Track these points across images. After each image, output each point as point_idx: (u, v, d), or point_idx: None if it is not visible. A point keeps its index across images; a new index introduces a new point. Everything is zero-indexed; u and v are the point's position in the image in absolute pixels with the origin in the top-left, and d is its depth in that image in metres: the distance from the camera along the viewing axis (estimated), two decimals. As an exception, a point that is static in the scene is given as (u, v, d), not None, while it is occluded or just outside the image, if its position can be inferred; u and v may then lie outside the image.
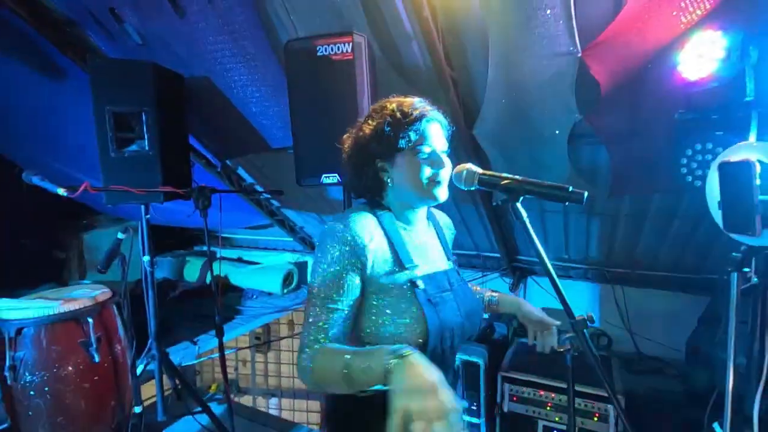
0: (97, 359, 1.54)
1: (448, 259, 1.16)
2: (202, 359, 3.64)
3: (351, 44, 1.64)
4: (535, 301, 3.43)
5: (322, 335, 0.92)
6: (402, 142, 1.00)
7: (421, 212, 1.12)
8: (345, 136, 1.11)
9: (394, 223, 1.06)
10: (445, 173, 1.03)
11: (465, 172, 0.97)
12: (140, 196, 1.97)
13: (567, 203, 0.85)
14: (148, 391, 2.86)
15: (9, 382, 1.49)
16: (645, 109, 1.70)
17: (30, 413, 1.47)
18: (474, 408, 2.28)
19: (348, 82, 1.65)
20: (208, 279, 4.79)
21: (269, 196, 3.68)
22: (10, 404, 1.51)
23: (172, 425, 2.44)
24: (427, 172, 1.01)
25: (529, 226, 0.88)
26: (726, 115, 1.30)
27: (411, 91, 2.11)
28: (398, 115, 1.02)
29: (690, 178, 1.49)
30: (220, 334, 2.07)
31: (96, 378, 1.56)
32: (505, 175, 0.92)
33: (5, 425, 1.53)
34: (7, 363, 1.50)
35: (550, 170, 2.28)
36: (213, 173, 3.45)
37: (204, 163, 3.35)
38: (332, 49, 1.64)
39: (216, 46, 2.21)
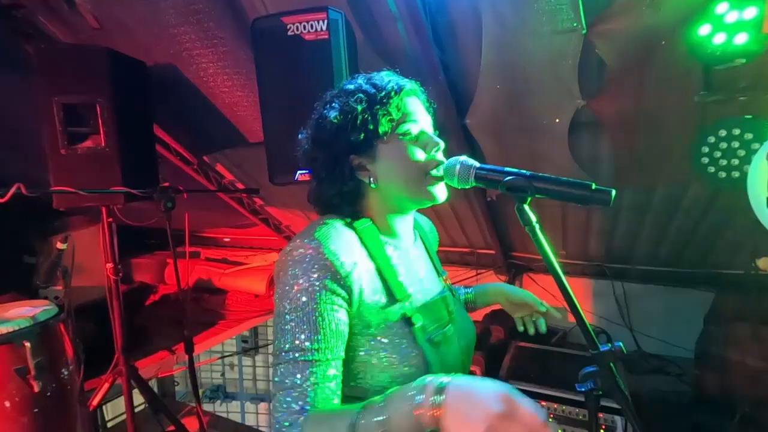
0: (37, 388, 1.34)
1: (440, 276, 0.96)
2: (182, 369, 3.46)
3: (326, 21, 1.43)
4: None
5: (307, 402, 0.67)
6: (382, 124, 0.78)
7: (409, 219, 0.91)
8: (301, 136, 0.87)
9: (378, 238, 0.83)
10: (441, 156, 0.83)
11: (458, 165, 0.77)
12: (95, 198, 1.76)
13: (589, 204, 0.66)
14: (121, 406, 2.67)
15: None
16: (658, 92, 1.52)
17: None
18: None
19: (324, 64, 1.45)
20: (189, 282, 4.63)
21: (245, 194, 3.46)
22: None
23: (143, 446, 2.25)
24: (420, 156, 0.80)
25: (540, 234, 0.70)
26: (757, 96, 1.13)
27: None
28: (370, 89, 0.80)
29: (713, 169, 1.32)
30: (189, 350, 1.88)
31: (37, 410, 1.35)
32: (509, 169, 0.73)
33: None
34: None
35: (550, 163, 2.11)
36: (189, 170, 3.24)
37: (178, 160, 3.13)
38: (305, 27, 1.44)
39: (179, 29, 1.99)
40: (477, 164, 0.77)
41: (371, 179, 0.81)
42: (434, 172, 0.81)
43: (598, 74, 1.57)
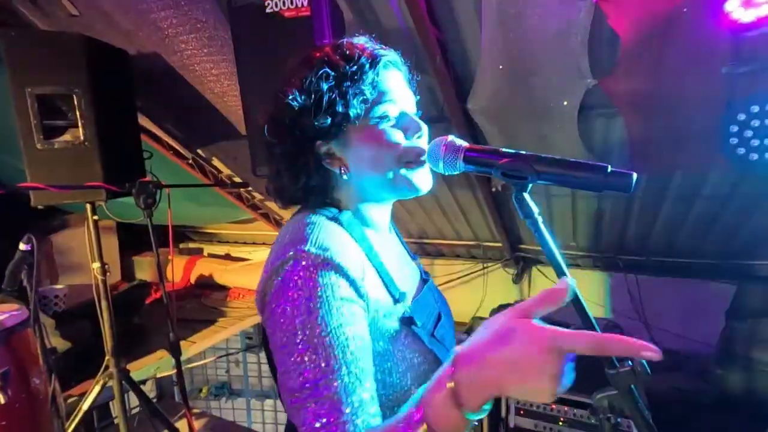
0: (4, 400, 1.26)
1: (419, 267, 0.87)
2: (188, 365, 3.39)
3: (305, -4, 1.31)
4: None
5: (360, 419, 0.55)
6: (354, 105, 0.65)
7: (388, 208, 0.79)
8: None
9: (364, 235, 0.71)
10: (425, 143, 0.70)
11: (443, 147, 0.64)
12: (74, 195, 1.66)
13: (604, 191, 0.53)
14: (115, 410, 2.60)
15: None
16: (679, 66, 1.36)
17: None
18: (476, 423, 2.00)
19: (306, 44, 1.32)
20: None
21: (234, 189, 3.36)
22: None
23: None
24: (398, 143, 0.67)
25: (542, 226, 0.57)
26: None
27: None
28: (340, 61, 0.67)
29: (743, 150, 1.17)
30: (176, 354, 1.79)
31: (4, 423, 1.27)
32: (505, 150, 0.60)
33: None
34: None
35: (558, 149, 1.96)
36: (184, 165, 3.15)
37: (172, 154, 3.04)
38: (284, 3, 1.31)
39: (160, 14, 1.87)
40: (466, 144, 0.64)
41: (342, 169, 0.70)
42: (416, 159, 0.69)
43: (611, 49, 1.42)
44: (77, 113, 1.74)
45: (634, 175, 0.52)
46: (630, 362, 0.55)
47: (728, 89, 1.17)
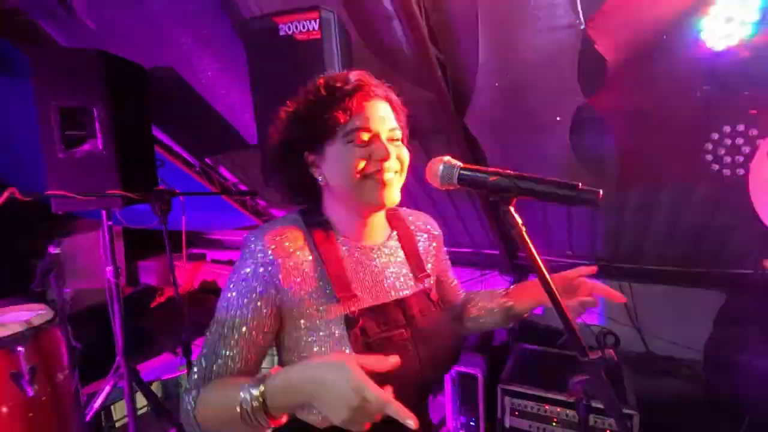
0: (31, 393, 1.34)
1: (417, 278, 0.91)
2: (185, 371, 3.46)
3: (318, 21, 1.41)
4: (537, 300, 3.26)
5: (222, 371, 0.74)
6: (328, 125, 0.77)
7: (373, 219, 0.88)
8: (270, 126, 0.87)
9: (331, 237, 0.83)
10: (392, 167, 0.80)
11: (441, 166, 0.74)
12: (93, 201, 1.76)
13: (576, 205, 0.63)
14: (124, 410, 2.67)
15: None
16: (660, 87, 1.47)
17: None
18: (472, 424, 2.08)
19: (316, 65, 1.42)
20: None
21: (245, 197, 3.46)
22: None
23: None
24: (360, 164, 0.77)
25: (526, 237, 0.67)
26: (761, 91, 1.08)
27: (393, 76, 1.88)
28: (323, 91, 0.79)
29: (716, 167, 1.27)
30: (187, 353, 1.87)
31: (31, 415, 1.35)
32: (494, 169, 0.70)
33: None
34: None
35: (552, 161, 2.06)
36: (191, 173, 3.24)
37: (180, 163, 3.14)
38: (296, 27, 1.42)
39: (177, 32, 1.99)
40: (460, 164, 0.74)
41: (321, 177, 0.82)
42: (374, 176, 0.79)
43: (599, 70, 1.52)
44: (96, 125, 1.84)
45: (600, 192, 0.61)
46: (600, 352, 0.64)
47: (703, 110, 1.27)
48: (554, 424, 1.92)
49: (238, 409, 0.63)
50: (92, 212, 3.26)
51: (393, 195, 0.81)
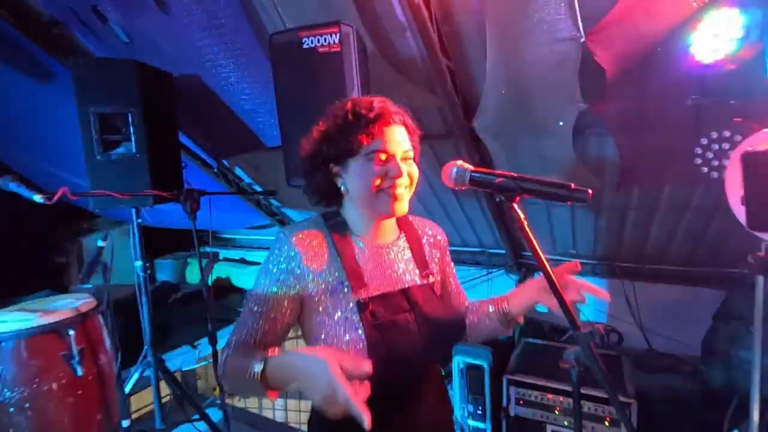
0: (80, 372, 1.48)
1: (422, 275, 1.04)
2: (203, 363, 3.60)
3: (338, 35, 1.54)
4: (542, 298, 3.35)
5: (249, 339, 0.90)
6: (353, 146, 0.91)
7: (385, 224, 1.02)
8: (303, 138, 1.01)
9: (347, 236, 0.98)
10: (403, 182, 0.93)
11: (455, 170, 0.87)
12: (126, 200, 1.90)
13: (569, 203, 0.75)
14: (147, 398, 2.82)
15: (-10, 398, 1.44)
16: (655, 96, 1.58)
17: (11, 431, 1.42)
18: (479, 412, 2.19)
19: (336, 75, 1.55)
20: (210, 281, 4.80)
21: (264, 196, 3.60)
22: (-7, 422, 1.46)
23: (170, 432, 2.39)
24: (377, 181, 0.91)
25: (528, 229, 0.79)
26: (745, 100, 1.19)
27: (406, 84, 2.01)
28: (350, 116, 0.92)
29: (705, 170, 1.38)
30: (213, 342, 2.00)
31: (80, 392, 1.50)
32: (499, 172, 0.82)
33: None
34: (-9, 378, 1.45)
35: (555, 163, 2.17)
36: (209, 174, 3.39)
37: (199, 164, 3.28)
38: (318, 41, 1.55)
39: (203, 42, 2.13)
40: (471, 168, 0.86)
41: (344, 187, 0.96)
42: (387, 191, 0.92)
43: (598, 79, 1.64)
44: (131, 129, 1.99)
45: (589, 191, 0.73)
46: (590, 327, 0.75)
47: (693, 117, 1.38)
48: (556, 412, 2.03)
49: (247, 376, 0.78)
50: (114, 211, 3.43)
51: (402, 207, 0.95)
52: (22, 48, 2.39)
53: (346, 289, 0.92)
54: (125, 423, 1.70)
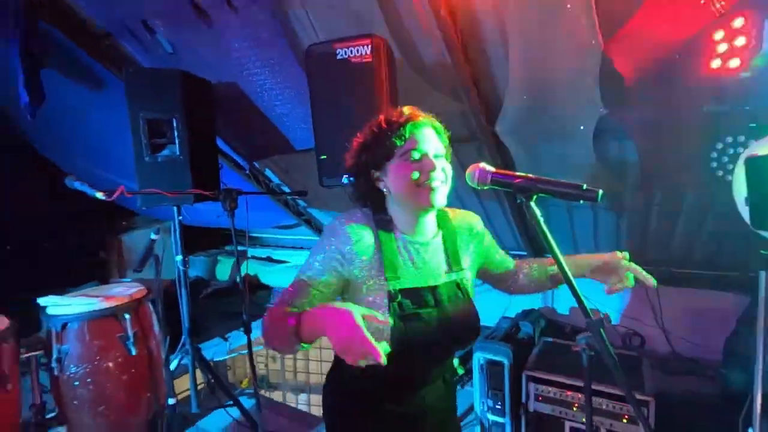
0: (133, 353, 1.64)
1: (453, 270, 1.13)
2: (233, 355, 3.78)
3: (369, 47, 1.66)
4: (564, 300, 3.37)
5: (282, 305, 0.99)
6: (389, 150, 1.02)
7: (426, 219, 1.11)
8: (346, 153, 1.13)
9: (391, 236, 1.08)
10: (438, 176, 1.03)
11: (477, 171, 0.96)
12: (172, 199, 2.06)
13: (581, 201, 0.84)
14: (182, 384, 2.99)
15: (56, 373, 1.61)
16: (673, 102, 1.63)
17: (75, 402, 1.59)
18: (498, 407, 2.26)
19: (367, 83, 1.67)
20: (239, 278, 4.99)
21: (294, 196, 3.75)
22: (58, 394, 1.63)
23: (205, 417, 2.55)
24: (414, 175, 1.01)
25: (543, 225, 0.88)
26: (759, 106, 1.24)
27: (431, 91, 2.11)
28: (384, 124, 1.04)
29: (721, 173, 1.42)
30: (248, 332, 2.15)
31: (133, 371, 1.66)
32: (518, 173, 0.91)
33: (54, 413, 1.65)
34: (54, 355, 1.62)
35: (576, 166, 2.23)
36: (241, 175, 3.56)
37: (232, 165, 3.46)
38: (351, 52, 1.67)
39: (241, 53, 2.28)
40: (493, 169, 0.96)
41: (386, 189, 1.07)
42: (425, 184, 1.02)
43: (618, 85, 1.70)
44: (175, 133, 2.16)
45: (600, 192, 0.81)
46: (602, 313, 0.84)
47: (709, 123, 1.43)
48: (575, 409, 2.08)
49: (283, 327, 0.89)
50: (154, 210, 3.64)
51: (440, 198, 1.04)
52: (77, 58, 2.61)
53: (381, 279, 1.03)
54: (171, 401, 1.85)
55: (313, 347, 0.91)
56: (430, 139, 1.04)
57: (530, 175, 0.90)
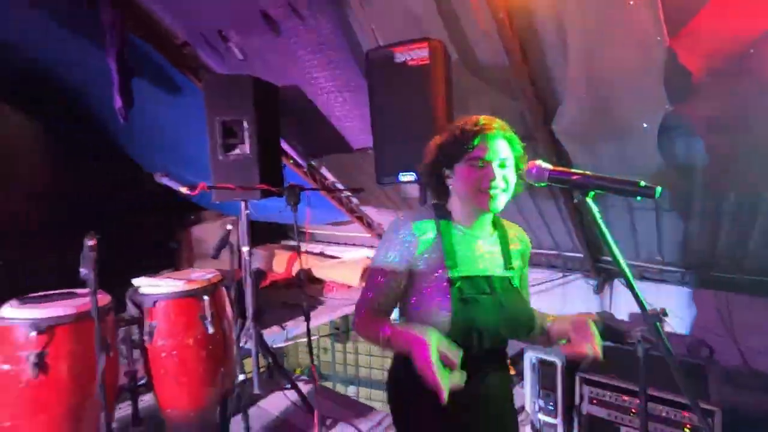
0: (210, 331, 1.83)
1: (505, 268, 1.21)
2: (289, 343, 3.99)
3: (427, 50, 1.73)
4: (622, 306, 3.25)
5: (374, 305, 1.13)
6: (460, 153, 1.12)
7: (483, 218, 1.20)
8: (425, 148, 1.23)
9: (451, 226, 1.17)
10: (498, 185, 1.10)
11: (535, 168, 1.01)
12: (242, 194, 2.25)
13: (639, 198, 0.85)
14: (246, 367, 3.23)
15: (147, 344, 1.84)
16: (748, 98, 1.55)
17: (162, 371, 1.80)
18: (551, 407, 2.24)
19: (424, 85, 1.74)
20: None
21: (350, 193, 3.90)
22: (147, 364, 1.86)
23: (266, 398, 2.74)
24: (477, 183, 1.10)
25: (600, 221, 0.90)
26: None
27: (488, 91, 2.14)
28: (458, 131, 1.13)
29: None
30: (308, 320, 2.29)
31: (210, 347, 1.85)
32: (575, 170, 0.94)
33: (143, 381, 1.89)
34: (146, 329, 1.84)
35: (638, 166, 2.16)
36: (299, 173, 3.77)
37: (291, 163, 3.67)
38: (409, 55, 1.75)
39: (305, 58, 2.44)
40: (550, 167, 0.99)
41: (452, 186, 1.17)
42: (485, 190, 1.10)
43: (686, 81, 1.64)
44: (245, 134, 2.35)
45: (659, 189, 0.83)
46: (657, 309, 0.85)
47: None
48: (633, 414, 2.02)
49: (377, 339, 1.06)
50: (220, 205, 3.93)
51: (496, 205, 1.12)
52: (158, 65, 2.91)
53: (442, 268, 1.12)
54: (241, 377, 2.04)
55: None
56: (498, 150, 1.12)
57: (586, 172, 0.93)
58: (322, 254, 5.51)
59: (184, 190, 1.76)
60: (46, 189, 3.88)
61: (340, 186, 3.90)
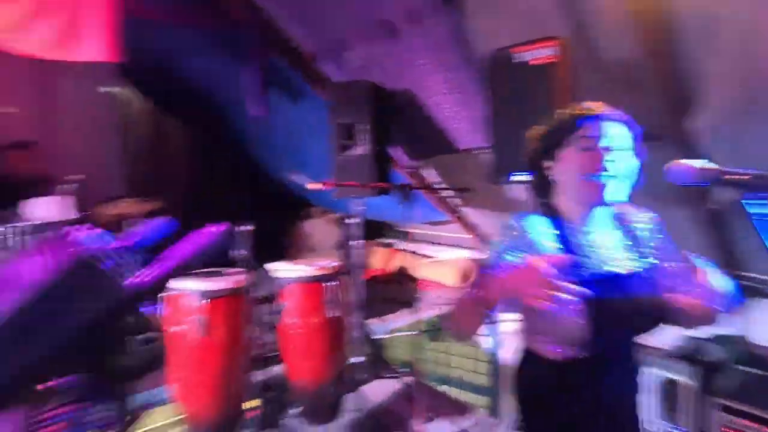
0: (332, 314, 2.03)
1: (635, 261, 1.11)
2: (387, 336, 4.15)
3: (549, 48, 1.71)
4: (762, 327, 2.81)
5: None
6: (561, 138, 1.05)
7: (596, 212, 1.10)
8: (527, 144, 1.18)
9: (562, 225, 1.09)
10: (610, 168, 1.00)
11: (679, 167, 0.89)
12: (361, 191, 2.43)
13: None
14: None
15: (277, 322, 2.10)
16: None
17: (292, 347, 2.04)
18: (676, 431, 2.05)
19: (546, 84, 1.72)
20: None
21: (456, 193, 3.93)
22: (277, 339, 2.12)
23: (369, 383, 2.91)
24: (582, 168, 1.01)
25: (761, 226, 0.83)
26: None
27: (614, 89, 2.05)
28: (564, 116, 1.07)
29: None
30: (413, 313, 2.39)
31: (330, 329, 2.05)
32: (726, 169, 0.86)
33: (276, 354, 2.16)
34: (275, 308, 2.11)
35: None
36: (402, 172, 3.89)
37: (396, 163, 3.81)
38: (530, 55, 1.75)
39: (420, 62, 2.54)
40: (701, 166, 0.90)
41: (553, 177, 1.09)
42: (592, 177, 1.01)
43: None
44: (362, 136, 2.52)
45: None
46: None
47: None
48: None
49: (468, 301, 1.06)
50: (331, 202, 4.23)
51: (604, 195, 1.02)
52: (286, 76, 3.24)
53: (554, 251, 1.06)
54: (352, 360, 2.22)
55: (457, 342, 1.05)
56: (604, 133, 1.02)
57: (740, 170, 0.85)
58: (415, 253, 5.60)
59: (311, 186, 1.96)
60: (189, 186, 4.57)
61: (443, 186, 3.94)
